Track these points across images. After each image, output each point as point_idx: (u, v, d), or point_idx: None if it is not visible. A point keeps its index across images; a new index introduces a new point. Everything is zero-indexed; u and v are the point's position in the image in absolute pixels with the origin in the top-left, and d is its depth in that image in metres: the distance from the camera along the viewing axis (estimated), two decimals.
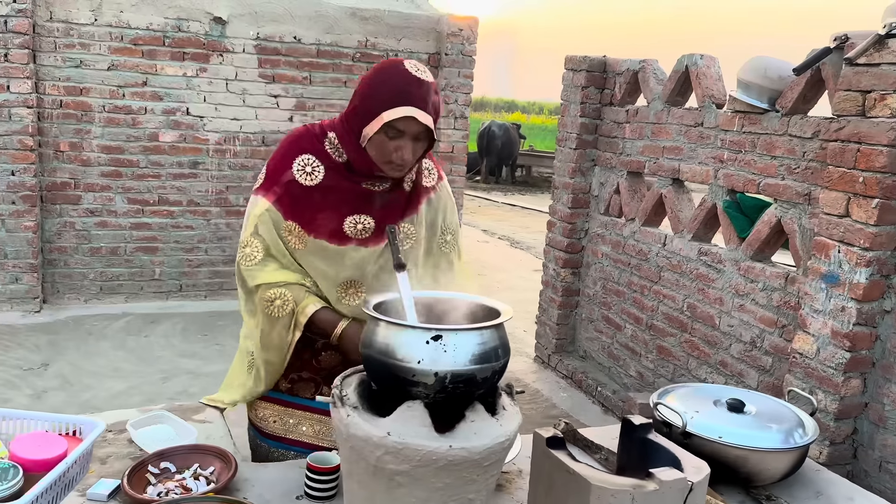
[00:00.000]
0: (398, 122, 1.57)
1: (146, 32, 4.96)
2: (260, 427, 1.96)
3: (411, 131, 1.58)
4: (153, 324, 4.95)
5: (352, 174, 1.68)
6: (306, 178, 1.68)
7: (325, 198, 1.67)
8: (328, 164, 1.68)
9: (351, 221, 1.69)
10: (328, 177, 1.67)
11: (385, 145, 1.60)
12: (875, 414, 2.73)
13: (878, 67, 2.54)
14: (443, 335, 1.31)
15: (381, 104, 1.57)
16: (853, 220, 2.65)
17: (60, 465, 1.35)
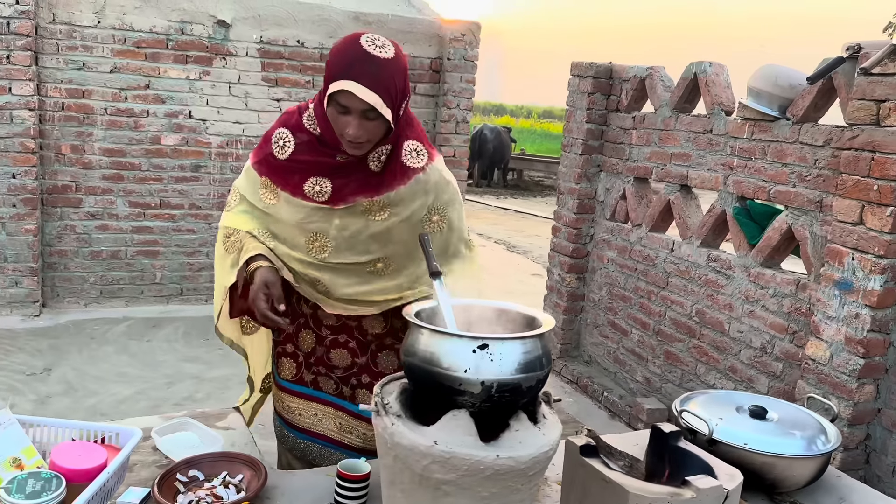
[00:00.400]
0: (340, 96, 1.57)
1: (149, 35, 4.94)
2: (287, 418, 2.02)
3: (355, 107, 1.57)
4: (155, 328, 4.92)
5: (324, 146, 1.70)
6: (279, 151, 1.75)
7: (292, 168, 1.73)
8: (301, 138, 1.73)
9: (310, 183, 1.72)
10: (297, 150, 1.72)
11: (336, 120, 1.62)
12: (888, 420, 2.75)
13: (892, 77, 2.57)
14: (489, 344, 1.31)
15: (331, 76, 1.58)
16: (867, 228, 2.67)
17: (102, 474, 1.33)
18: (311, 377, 1.96)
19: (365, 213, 1.73)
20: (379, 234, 1.75)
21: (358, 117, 1.58)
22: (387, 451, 1.38)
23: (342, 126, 1.60)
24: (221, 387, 4.07)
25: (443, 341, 1.34)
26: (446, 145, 5.79)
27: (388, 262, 1.79)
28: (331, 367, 1.95)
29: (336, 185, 1.71)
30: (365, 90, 1.54)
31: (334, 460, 1.90)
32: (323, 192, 1.72)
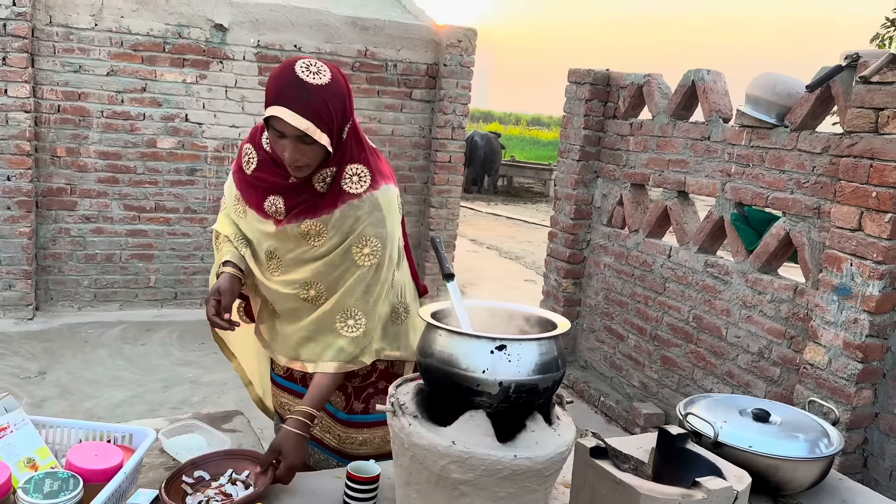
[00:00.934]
0: (274, 121, 1.59)
1: (146, 38, 4.93)
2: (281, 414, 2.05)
3: (288, 132, 1.58)
4: (149, 332, 4.89)
5: (277, 166, 1.73)
6: (246, 166, 1.79)
7: (255, 184, 1.77)
8: (262, 155, 1.76)
9: (269, 201, 1.75)
10: (258, 167, 1.76)
11: (276, 143, 1.63)
12: (886, 424, 2.78)
13: (891, 86, 2.61)
14: (507, 345, 1.32)
15: (266, 102, 1.61)
16: (866, 234, 2.71)
17: (119, 474, 1.33)
18: (300, 373, 1.95)
19: (305, 236, 1.72)
20: (317, 258, 1.74)
21: (293, 142, 1.59)
22: (403, 452, 1.38)
23: (280, 150, 1.62)
24: (217, 391, 4.05)
25: (461, 342, 1.34)
26: (442, 151, 5.81)
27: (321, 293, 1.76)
28: None
29: (288, 205, 1.73)
30: (295, 116, 1.54)
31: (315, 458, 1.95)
32: (279, 210, 1.74)
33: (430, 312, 1.46)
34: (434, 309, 1.50)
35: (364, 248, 1.70)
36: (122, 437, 1.51)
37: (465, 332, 1.37)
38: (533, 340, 1.36)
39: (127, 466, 1.36)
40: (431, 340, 1.39)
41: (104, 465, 1.35)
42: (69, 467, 1.34)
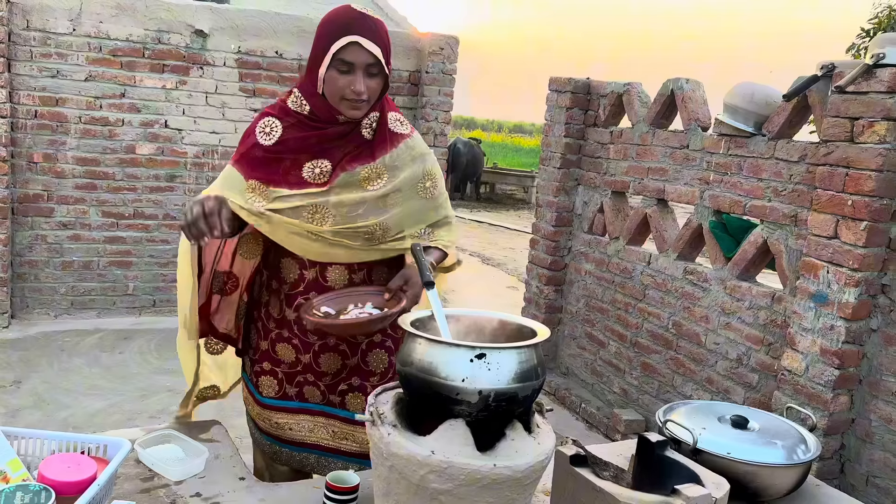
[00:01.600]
0: (345, 52, 1.62)
1: (125, 44, 4.88)
2: (277, 435, 1.97)
3: (360, 61, 1.62)
4: (126, 340, 4.84)
5: (314, 123, 1.73)
6: (265, 137, 1.75)
7: (283, 151, 1.73)
8: (289, 119, 1.74)
9: (309, 167, 1.74)
10: (286, 132, 1.73)
11: (337, 81, 1.65)
12: (862, 430, 2.81)
13: (866, 95, 2.65)
14: (487, 353, 1.32)
15: (329, 40, 1.63)
16: (842, 242, 2.74)
17: (92, 486, 1.31)
18: (294, 390, 1.93)
19: (363, 182, 1.75)
20: (374, 200, 1.76)
21: (362, 73, 1.64)
22: (382, 462, 1.37)
23: (345, 85, 1.64)
24: None
25: (440, 351, 1.34)
26: None
27: (386, 229, 1.78)
28: (320, 375, 1.91)
29: (334, 161, 1.73)
30: (370, 43, 1.62)
31: (333, 468, 1.89)
32: (323, 172, 1.73)
33: (409, 321, 1.46)
34: (413, 317, 1.50)
35: (426, 181, 1.83)
36: (96, 448, 1.49)
37: (445, 340, 1.37)
38: (513, 349, 1.36)
39: (101, 478, 1.34)
40: (411, 349, 1.38)
41: (77, 477, 1.33)
42: (41, 480, 1.32)
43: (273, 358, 1.92)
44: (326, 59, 1.63)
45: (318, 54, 1.66)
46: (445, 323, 1.47)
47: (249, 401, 2.05)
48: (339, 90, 1.65)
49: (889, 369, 2.71)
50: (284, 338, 1.89)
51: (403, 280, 1.73)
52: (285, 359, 1.91)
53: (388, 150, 1.77)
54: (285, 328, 1.88)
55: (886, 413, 2.72)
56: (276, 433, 1.97)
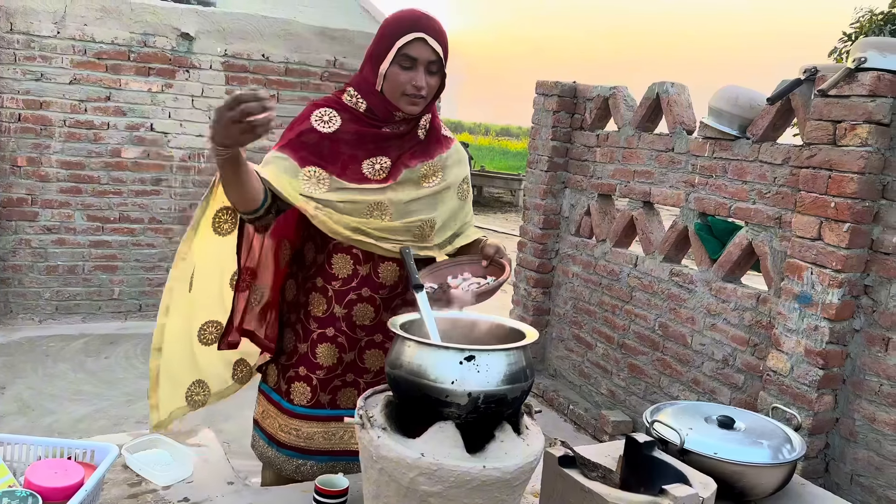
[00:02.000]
0: (410, 48, 1.65)
1: (111, 46, 4.86)
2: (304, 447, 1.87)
3: (423, 58, 1.67)
4: (112, 345, 4.80)
5: (371, 120, 1.75)
6: (323, 126, 1.75)
7: (341, 143, 1.74)
8: (346, 115, 1.75)
9: (368, 163, 1.75)
10: (345, 124, 1.74)
11: (399, 77, 1.67)
12: (846, 429, 2.84)
13: (848, 99, 2.68)
14: (476, 356, 1.32)
15: (394, 36, 1.67)
16: (825, 244, 2.77)
17: (80, 492, 1.30)
18: (328, 398, 1.85)
19: (420, 178, 1.80)
20: (427, 198, 1.81)
21: (423, 70, 1.67)
22: (372, 465, 1.38)
23: (406, 81, 1.67)
24: None
25: (430, 353, 1.34)
26: None
27: (431, 226, 1.83)
28: (361, 372, 1.86)
29: (393, 157, 1.77)
30: (434, 41, 1.67)
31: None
32: (383, 168, 1.76)
33: (399, 324, 1.46)
34: (403, 320, 1.50)
35: (464, 184, 1.91)
36: (83, 454, 1.48)
37: (434, 343, 1.37)
38: (501, 351, 1.37)
39: (88, 484, 1.34)
40: (400, 352, 1.39)
41: (64, 482, 1.32)
42: (27, 485, 1.31)
43: (311, 362, 1.84)
44: (391, 55, 1.67)
45: (382, 51, 1.69)
46: (434, 325, 1.48)
47: (271, 413, 1.93)
48: (401, 85, 1.68)
49: (872, 369, 2.75)
50: (329, 337, 1.82)
51: (495, 249, 1.79)
52: (325, 362, 1.83)
53: (443, 151, 1.85)
54: (330, 326, 1.82)
55: (870, 412, 2.75)
56: (304, 445, 1.87)
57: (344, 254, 1.80)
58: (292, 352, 1.88)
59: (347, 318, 1.82)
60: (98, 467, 1.41)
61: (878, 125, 2.64)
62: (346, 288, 1.81)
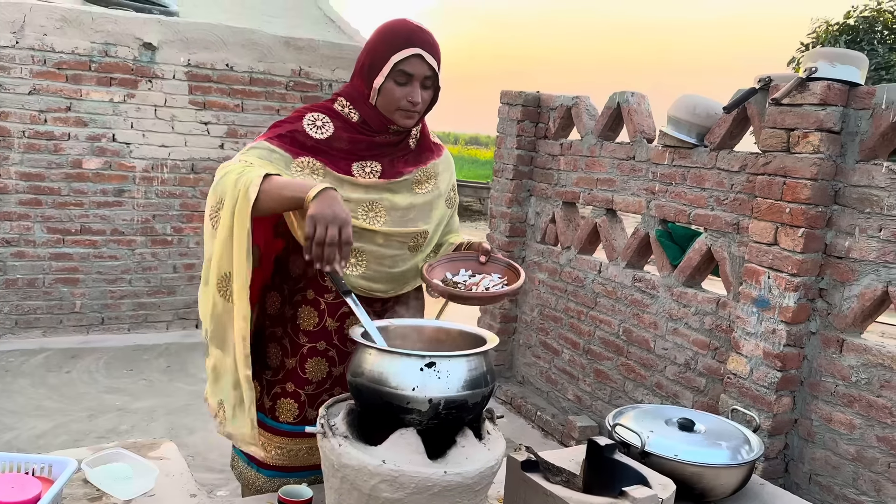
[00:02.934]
0: (406, 64, 1.65)
1: (71, 56, 4.79)
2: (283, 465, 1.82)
3: (419, 73, 1.66)
4: (74, 359, 4.72)
5: (364, 129, 1.73)
6: (316, 131, 1.72)
7: (333, 149, 1.71)
8: (339, 122, 1.73)
9: (358, 166, 1.73)
10: (338, 131, 1.72)
11: (394, 92, 1.67)
12: (804, 429, 2.91)
13: (800, 108, 2.76)
14: (436, 362, 1.34)
15: (389, 50, 1.65)
16: (781, 248, 2.84)
17: None
18: (315, 413, 1.77)
19: (414, 184, 1.79)
20: (422, 206, 1.80)
21: (418, 85, 1.67)
22: (333, 473, 1.38)
23: (401, 96, 1.66)
24: (147, 418, 3.94)
25: (391, 360, 1.35)
26: None
27: (425, 237, 1.81)
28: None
29: (385, 164, 1.75)
30: (430, 56, 1.66)
31: None
32: (374, 171, 1.74)
33: (359, 332, 1.47)
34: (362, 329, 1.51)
35: (452, 192, 1.91)
36: (40, 469, 1.46)
37: (395, 350, 1.38)
38: (462, 357, 1.38)
39: (45, 498, 1.32)
40: (361, 360, 1.40)
41: (21, 497, 1.30)
42: None
43: (300, 377, 1.78)
44: (386, 70, 1.65)
45: (376, 64, 1.67)
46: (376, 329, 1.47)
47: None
48: (396, 101, 1.67)
49: (827, 370, 2.82)
50: (319, 351, 1.77)
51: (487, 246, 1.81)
52: (313, 377, 1.79)
53: (435, 157, 1.86)
54: (322, 340, 1.77)
55: (826, 413, 2.82)
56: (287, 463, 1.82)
57: None
58: (279, 367, 1.80)
59: (340, 331, 1.77)
60: (56, 481, 1.40)
61: (829, 133, 2.72)
62: (338, 301, 1.75)
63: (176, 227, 5.30)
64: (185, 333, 5.40)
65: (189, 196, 5.30)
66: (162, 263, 5.30)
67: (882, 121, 2.63)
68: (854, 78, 2.72)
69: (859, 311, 2.72)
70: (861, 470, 2.70)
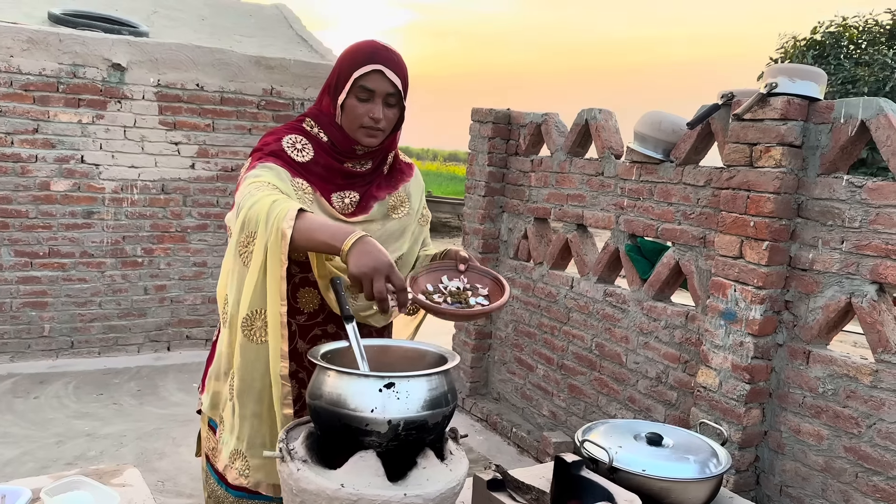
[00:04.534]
0: (367, 79, 1.65)
1: (38, 78, 4.75)
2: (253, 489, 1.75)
3: (381, 90, 1.66)
4: (42, 384, 4.63)
5: (335, 153, 1.73)
6: (297, 153, 1.72)
7: (312, 176, 1.71)
8: (315, 144, 1.73)
9: (338, 196, 1.74)
10: (318, 154, 1.72)
11: (356, 109, 1.67)
12: (774, 441, 2.93)
13: (762, 122, 2.81)
14: (395, 382, 1.33)
15: (351, 67, 1.67)
16: (747, 262, 2.87)
17: None
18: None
19: (389, 209, 1.80)
20: (400, 231, 1.81)
21: (381, 103, 1.67)
22: (292, 498, 1.36)
23: (363, 113, 1.66)
24: (116, 443, 3.87)
25: (349, 382, 1.34)
26: None
27: (404, 262, 1.82)
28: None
29: (361, 193, 1.76)
30: (392, 73, 1.66)
31: None
32: (352, 202, 1.75)
33: (320, 353, 1.46)
34: (325, 349, 1.50)
35: (424, 210, 1.93)
36: None
37: (353, 371, 1.37)
38: (422, 377, 1.38)
39: None
40: (320, 382, 1.38)
41: None
42: None
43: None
44: (347, 86, 1.66)
45: (340, 82, 1.69)
46: (363, 356, 1.46)
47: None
48: (358, 118, 1.67)
49: (795, 382, 2.84)
50: (291, 372, 1.71)
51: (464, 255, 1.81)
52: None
53: (406, 180, 1.86)
54: (293, 361, 1.72)
55: (795, 424, 2.85)
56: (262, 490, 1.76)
57: (310, 286, 1.75)
58: None
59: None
60: None
61: (791, 147, 2.77)
62: (311, 322, 1.77)
63: (146, 249, 5.24)
64: (156, 356, 5.33)
65: (160, 217, 5.26)
66: (132, 285, 5.23)
67: (841, 134, 2.68)
68: (813, 93, 2.77)
69: (824, 322, 2.75)
70: (830, 480, 2.72)
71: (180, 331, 5.45)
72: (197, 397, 1.98)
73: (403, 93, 1.72)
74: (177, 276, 5.38)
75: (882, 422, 2.54)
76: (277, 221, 1.48)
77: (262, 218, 1.51)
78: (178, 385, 4.81)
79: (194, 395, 4.46)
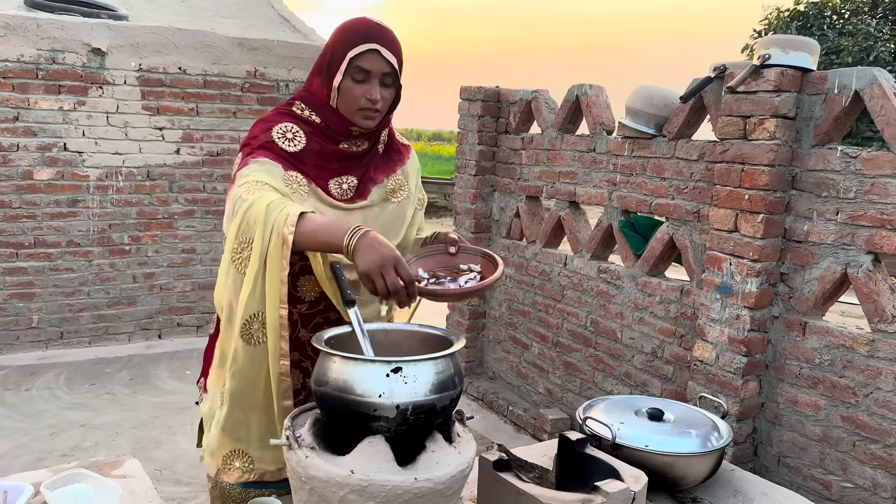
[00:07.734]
0: (363, 59, 1.61)
1: (16, 65, 4.64)
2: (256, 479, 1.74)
3: (377, 70, 1.62)
4: (33, 375, 4.59)
5: (329, 134, 1.69)
6: (287, 143, 1.67)
7: (306, 164, 1.66)
8: (307, 128, 1.68)
9: (335, 182, 1.70)
10: (310, 140, 1.67)
11: (352, 91, 1.63)
12: (771, 413, 2.95)
13: (755, 95, 2.79)
14: (402, 367, 1.31)
15: (346, 48, 1.61)
16: (742, 235, 2.87)
17: None
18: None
19: (389, 193, 1.76)
20: (396, 217, 1.77)
21: (377, 83, 1.63)
22: (301, 486, 1.35)
23: (360, 94, 1.62)
24: (111, 434, 3.84)
25: (356, 367, 1.32)
26: None
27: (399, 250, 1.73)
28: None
29: (359, 175, 1.72)
30: (388, 52, 1.61)
31: None
32: (350, 188, 1.71)
33: (323, 339, 1.43)
34: (328, 335, 1.47)
35: (419, 192, 1.89)
36: None
37: (360, 357, 1.35)
38: (429, 360, 1.36)
39: None
40: (326, 368, 1.36)
41: None
42: None
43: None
44: (343, 66, 1.61)
45: (333, 63, 1.63)
46: (367, 340, 1.44)
47: None
48: (355, 100, 1.63)
49: (791, 353, 2.86)
50: (293, 362, 1.72)
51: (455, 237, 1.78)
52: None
53: (404, 162, 1.82)
54: (296, 351, 1.73)
55: (792, 395, 2.86)
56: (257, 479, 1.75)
57: (309, 275, 1.71)
58: None
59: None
60: None
61: (785, 119, 2.75)
62: (312, 311, 1.75)
63: (134, 237, 5.18)
64: (147, 344, 5.29)
65: (146, 204, 5.19)
66: (121, 274, 5.18)
67: (835, 105, 2.67)
68: (807, 64, 2.76)
69: (820, 293, 2.76)
70: (827, 450, 2.75)
71: (171, 318, 5.41)
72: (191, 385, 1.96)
73: (399, 72, 1.67)
74: (165, 264, 5.32)
75: (879, 391, 2.56)
76: (278, 227, 1.46)
77: (259, 223, 1.48)
78: (171, 373, 4.77)
79: (187, 383, 4.43)
